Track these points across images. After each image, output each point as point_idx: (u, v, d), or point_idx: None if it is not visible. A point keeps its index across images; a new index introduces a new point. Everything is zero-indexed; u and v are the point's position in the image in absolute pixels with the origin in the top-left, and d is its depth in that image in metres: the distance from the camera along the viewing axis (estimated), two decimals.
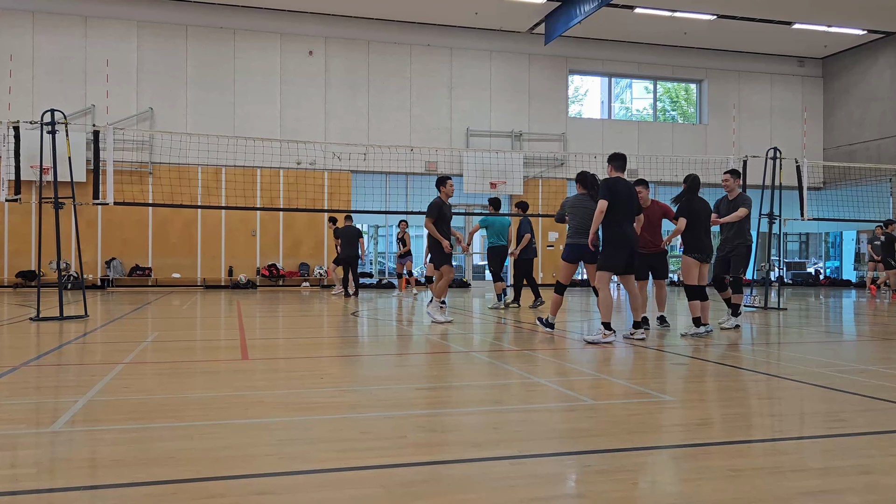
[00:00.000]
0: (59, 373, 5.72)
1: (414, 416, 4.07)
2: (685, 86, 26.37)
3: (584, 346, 7.16)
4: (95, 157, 12.59)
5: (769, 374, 5.39)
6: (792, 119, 25.26)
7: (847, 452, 3.40)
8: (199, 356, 6.88)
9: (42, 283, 11.83)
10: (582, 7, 19.04)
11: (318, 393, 4.82)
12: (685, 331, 8.04)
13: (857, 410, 4.26)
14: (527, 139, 23.02)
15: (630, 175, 23.12)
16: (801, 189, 14.49)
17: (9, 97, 18.33)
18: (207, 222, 20.39)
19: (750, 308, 12.59)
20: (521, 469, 3.07)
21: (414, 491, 2.79)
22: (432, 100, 22.29)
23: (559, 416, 4.23)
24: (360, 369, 6.15)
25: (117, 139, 18.47)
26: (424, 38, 22.25)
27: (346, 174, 21.07)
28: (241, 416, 4.11)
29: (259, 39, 20.97)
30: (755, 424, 4.11)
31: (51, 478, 2.98)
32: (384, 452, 3.31)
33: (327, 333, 8.38)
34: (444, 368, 6.24)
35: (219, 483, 2.89)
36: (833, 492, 2.82)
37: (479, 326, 9.96)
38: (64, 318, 9.75)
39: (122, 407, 4.29)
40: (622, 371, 5.88)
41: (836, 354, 6.70)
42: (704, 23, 21.78)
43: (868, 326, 10.43)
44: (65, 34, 19.68)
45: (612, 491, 2.87)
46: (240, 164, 19.53)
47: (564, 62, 23.57)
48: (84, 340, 7.78)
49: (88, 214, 19.10)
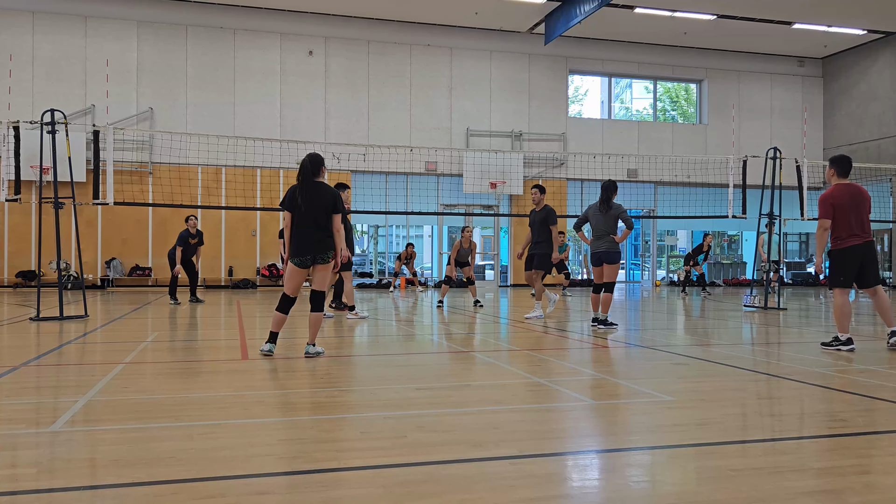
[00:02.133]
0: (59, 373, 5.72)
1: (414, 416, 4.07)
2: (685, 86, 26.37)
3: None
4: (95, 157, 12.59)
5: (769, 374, 5.39)
6: (792, 119, 25.25)
7: (847, 452, 3.40)
8: (199, 356, 6.88)
9: (42, 283, 11.83)
10: (582, 7, 19.04)
11: (319, 393, 4.82)
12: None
13: (857, 410, 4.26)
14: (527, 139, 23.02)
15: (630, 175, 23.22)
16: (800, 189, 14.49)
17: (9, 97, 18.31)
18: (207, 222, 20.37)
19: (750, 308, 12.60)
20: (520, 469, 3.07)
21: (414, 491, 2.79)
22: (432, 100, 22.28)
23: (559, 416, 4.23)
24: (360, 369, 6.14)
25: (117, 139, 18.47)
26: (424, 38, 22.25)
27: (346, 174, 21.06)
28: (241, 416, 4.11)
29: (259, 39, 20.97)
30: (755, 424, 4.11)
31: (51, 478, 2.98)
32: (384, 452, 3.31)
33: (327, 333, 8.38)
34: (445, 368, 6.24)
35: (219, 483, 2.89)
36: (833, 492, 2.82)
37: (479, 326, 9.96)
38: (64, 318, 9.75)
39: (122, 407, 4.29)
40: (622, 371, 5.88)
41: (836, 354, 6.70)
42: (704, 23, 21.78)
43: (868, 327, 10.43)
44: (65, 34, 19.68)
45: (612, 491, 2.87)
46: (240, 164, 19.54)
47: (564, 62, 23.56)
48: (84, 340, 7.78)
49: (88, 214, 19.10)
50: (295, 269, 6.11)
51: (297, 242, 6.01)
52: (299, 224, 6.00)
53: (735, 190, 15.41)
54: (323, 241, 6.00)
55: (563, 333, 8.65)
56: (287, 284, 6.22)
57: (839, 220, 6.92)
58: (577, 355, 6.90)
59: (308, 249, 5.99)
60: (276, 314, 6.28)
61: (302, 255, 6.02)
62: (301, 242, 6.01)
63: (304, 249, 6.01)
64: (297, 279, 6.16)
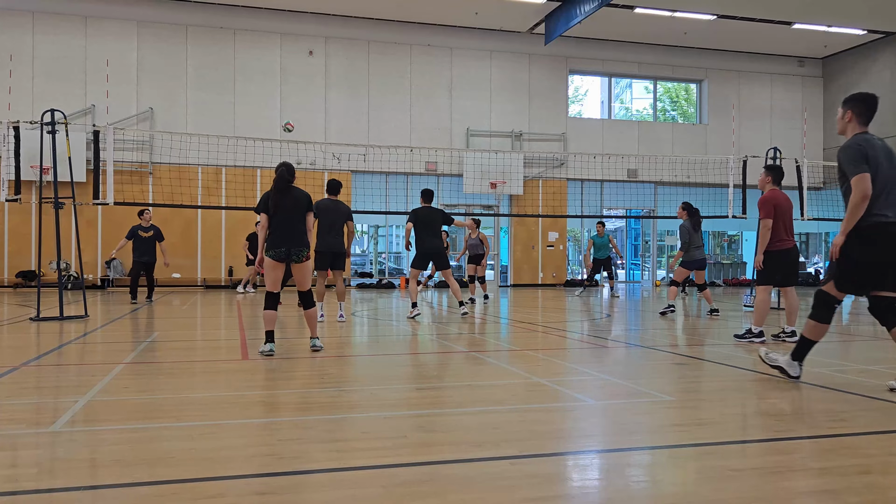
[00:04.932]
0: (59, 373, 5.72)
1: (414, 416, 4.07)
2: (685, 86, 26.37)
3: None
4: (95, 157, 12.59)
5: (769, 375, 5.39)
6: (792, 119, 25.25)
7: (847, 452, 3.40)
8: (199, 356, 6.88)
9: (42, 283, 11.83)
10: (582, 7, 19.04)
11: (318, 393, 4.82)
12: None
13: (857, 410, 4.26)
14: (527, 139, 23.02)
15: (630, 175, 23.23)
16: (801, 189, 14.49)
17: (9, 97, 18.31)
18: (207, 222, 20.39)
19: (750, 308, 12.59)
20: (520, 469, 3.07)
21: (414, 491, 2.80)
22: (432, 100, 22.28)
23: (559, 416, 4.23)
24: (360, 369, 6.15)
25: (117, 139, 18.47)
26: (424, 38, 22.25)
27: (346, 174, 21.07)
28: (241, 416, 4.11)
29: (259, 39, 20.97)
30: (755, 424, 4.11)
31: (51, 478, 2.98)
32: (384, 452, 3.31)
33: (327, 333, 8.38)
34: (445, 368, 6.24)
35: (219, 483, 2.89)
36: (833, 492, 2.82)
37: (480, 326, 9.95)
38: (64, 318, 9.75)
39: (122, 407, 4.29)
40: (622, 371, 5.88)
41: (837, 354, 6.70)
42: (704, 23, 21.78)
43: (868, 326, 10.43)
44: (65, 34, 19.68)
45: (613, 491, 2.87)
46: (240, 164, 19.53)
47: (564, 62, 23.57)
48: (84, 340, 7.78)
49: (88, 214, 19.10)
50: (273, 263, 6.58)
51: (275, 237, 6.56)
52: (279, 224, 6.57)
53: (735, 190, 15.41)
54: (300, 237, 6.58)
55: (563, 333, 8.66)
56: (268, 282, 6.63)
57: (776, 223, 7.36)
58: (577, 355, 6.90)
59: (285, 242, 6.54)
60: (266, 313, 6.58)
61: (277, 248, 6.53)
62: (279, 237, 6.55)
63: (281, 242, 6.54)
64: (275, 273, 6.61)
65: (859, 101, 4.74)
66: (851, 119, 4.74)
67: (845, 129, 4.79)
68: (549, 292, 19.45)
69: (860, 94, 4.80)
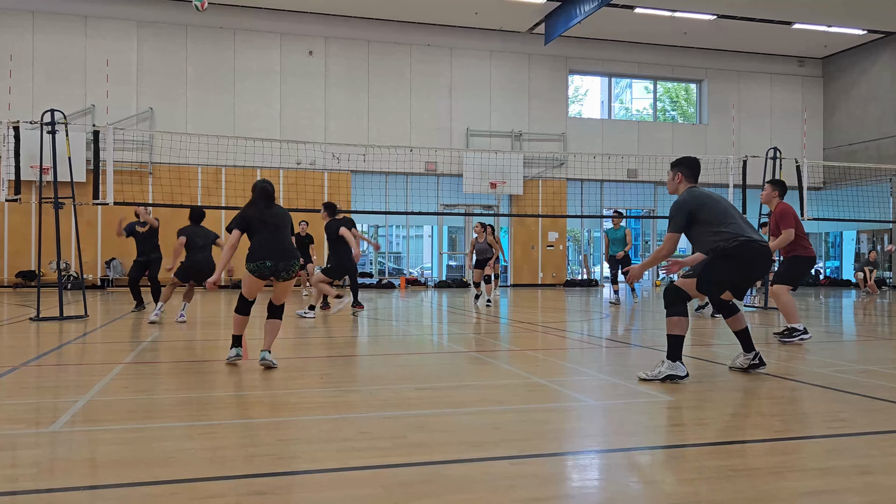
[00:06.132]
0: (59, 373, 5.72)
1: (414, 416, 4.07)
2: (685, 86, 26.37)
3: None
4: (95, 157, 12.58)
5: (769, 374, 5.39)
6: (792, 119, 25.24)
7: (847, 452, 3.40)
8: (199, 356, 6.88)
9: (42, 283, 11.82)
10: (582, 7, 19.04)
11: (318, 393, 4.82)
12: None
13: (857, 410, 4.26)
14: (527, 139, 23.02)
15: (630, 175, 23.22)
16: (801, 189, 14.48)
17: (9, 97, 18.31)
18: (207, 222, 20.29)
19: (750, 308, 12.59)
20: (520, 469, 3.07)
21: (414, 491, 2.79)
22: (432, 100, 22.28)
23: (559, 416, 4.23)
24: (360, 369, 6.14)
25: (117, 139, 18.45)
26: (424, 38, 22.24)
27: (346, 174, 21.07)
28: (241, 416, 4.11)
29: (259, 39, 20.96)
30: (755, 424, 4.11)
31: (51, 478, 2.98)
32: (384, 452, 3.31)
33: (327, 333, 8.38)
34: (444, 368, 6.23)
35: (219, 483, 2.89)
36: (833, 492, 2.82)
37: (479, 326, 9.95)
38: (64, 318, 9.75)
39: (122, 407, 4.29)
40: (622, 371, 5.88)
41: (836, 354, 6.70)
42: (704, 23, 21.78)
43: (868, 326, 10.43)
44: (65, 34, 19.68)
45: (613, 491, 2.87)
46: (240, 165, 19.52)
47: (564, 62, 23.56)
48: (84, 340, 7.78)
49: (88, 214, 19.08)
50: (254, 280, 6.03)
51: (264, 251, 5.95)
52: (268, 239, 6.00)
53: (735, 190, 15.39)
54: (290, 249, 6.07)
55: (563, 333, 8.65)
56: (245, 289, 6.12)
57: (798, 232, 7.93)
58: (577, 355, 6.90)
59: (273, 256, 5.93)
60: (237, 316, 6.09)
61: (261, 261, 5.90)
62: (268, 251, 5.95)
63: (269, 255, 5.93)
64: (257, 286, 6.09)
65: (685, 166, 5.44)
66: (682, 180, 5.43)
67: (677, 189, 5.47)
68: (549, 292, 19.45)
69: (685, 159, 5.51)
